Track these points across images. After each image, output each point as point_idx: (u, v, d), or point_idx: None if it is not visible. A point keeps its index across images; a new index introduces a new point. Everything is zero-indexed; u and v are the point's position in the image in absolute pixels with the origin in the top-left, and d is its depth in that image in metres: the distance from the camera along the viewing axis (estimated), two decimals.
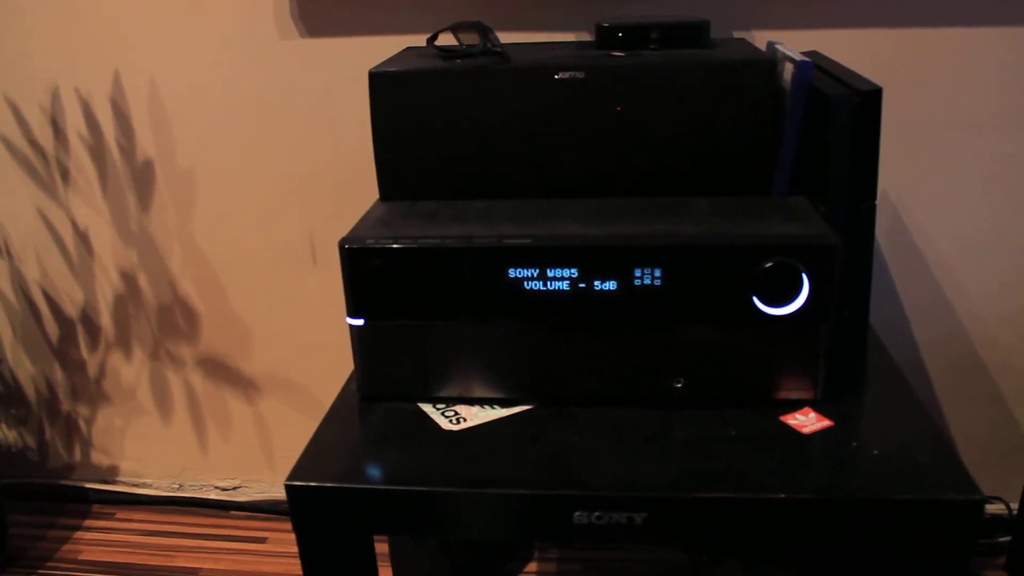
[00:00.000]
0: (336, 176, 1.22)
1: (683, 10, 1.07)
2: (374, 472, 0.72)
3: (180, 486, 1.49)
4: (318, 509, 0.70)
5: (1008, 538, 1.23)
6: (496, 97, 0.87)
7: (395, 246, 0.74)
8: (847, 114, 0.82)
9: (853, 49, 1.05)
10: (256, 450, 1.44)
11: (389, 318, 0.76)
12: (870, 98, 0.83)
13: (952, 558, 0.65)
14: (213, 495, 1.48)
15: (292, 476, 0.70)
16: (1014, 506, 1.22)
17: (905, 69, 1.07)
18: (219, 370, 1.39)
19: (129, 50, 1.21)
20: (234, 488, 1.48)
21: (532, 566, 1.31)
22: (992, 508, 1.25)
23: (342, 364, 0.82)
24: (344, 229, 0.79)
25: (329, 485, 0.70)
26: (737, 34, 1.09)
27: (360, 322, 0.77)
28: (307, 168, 1.23)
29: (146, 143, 1.26)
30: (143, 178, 1.28)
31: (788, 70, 0.88)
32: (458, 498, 0.68)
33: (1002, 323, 1.19)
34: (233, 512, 1.47)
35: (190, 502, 1.49)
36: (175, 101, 1.23)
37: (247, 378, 1.39)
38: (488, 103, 0.87)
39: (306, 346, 1.35)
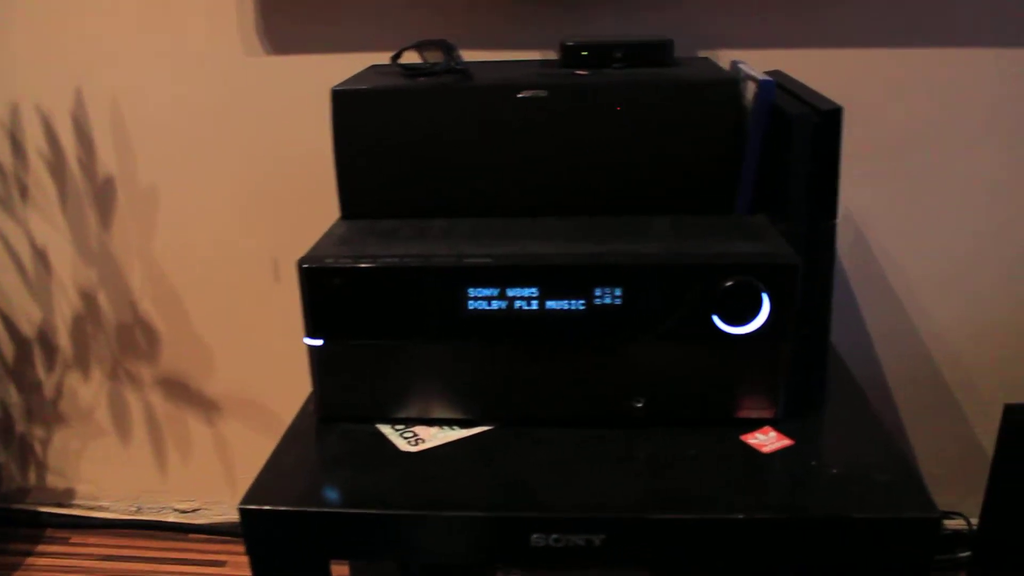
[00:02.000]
0: (300, 194, 1.21)
1: (649, 29, 1.07)
2: (330, 495, 0.70)
3: (138, 509, 1.46)
4: (273, 533, 0.69)
5: (968, 553, 1.24)
6: (459, 115, 0.86)
7: (354, 265, 0.74)
8: (807, 133, 0.83)
9: (817, 68, 1.06)
10: (217, 472, 1.42)
11: (348, 338, 0.75)
12: (830, 117, 0.83)
13: (910, 574, 0.65)
14: (172, 518, 1.45)
15: (246, 500, 0.69)
16: (974, 521, 1.23)
17: (869, 88, 1.08)
18: (179, 390, 1.37)
19: (92, 67, 1.19)
20: (193, 511, 1.45)
21: None
22: (953, 524, 1.26)
23: (305, 384, 0.81)
24: (307, 247, 0.78)
25: (284, 509, 0.68)
26: (702, 53, 1.09)
27: (319, 342, 0.76)
28: (270, 186, 1.22)
29: (107, 160, 1.24)
30: (104, 195, 1.26)
31: (751, 89, 0.88)
32: (414, 520, 0.67)
33: (965, 341, 1.20)
34: (192, 535, 1.44)
35: (148, 525, 1.45)
36: (137, 118, 1.21)
37: (208, 398, 1.37)
38: (451, 121, 0.86)
39: (269, 366, 1.33)
